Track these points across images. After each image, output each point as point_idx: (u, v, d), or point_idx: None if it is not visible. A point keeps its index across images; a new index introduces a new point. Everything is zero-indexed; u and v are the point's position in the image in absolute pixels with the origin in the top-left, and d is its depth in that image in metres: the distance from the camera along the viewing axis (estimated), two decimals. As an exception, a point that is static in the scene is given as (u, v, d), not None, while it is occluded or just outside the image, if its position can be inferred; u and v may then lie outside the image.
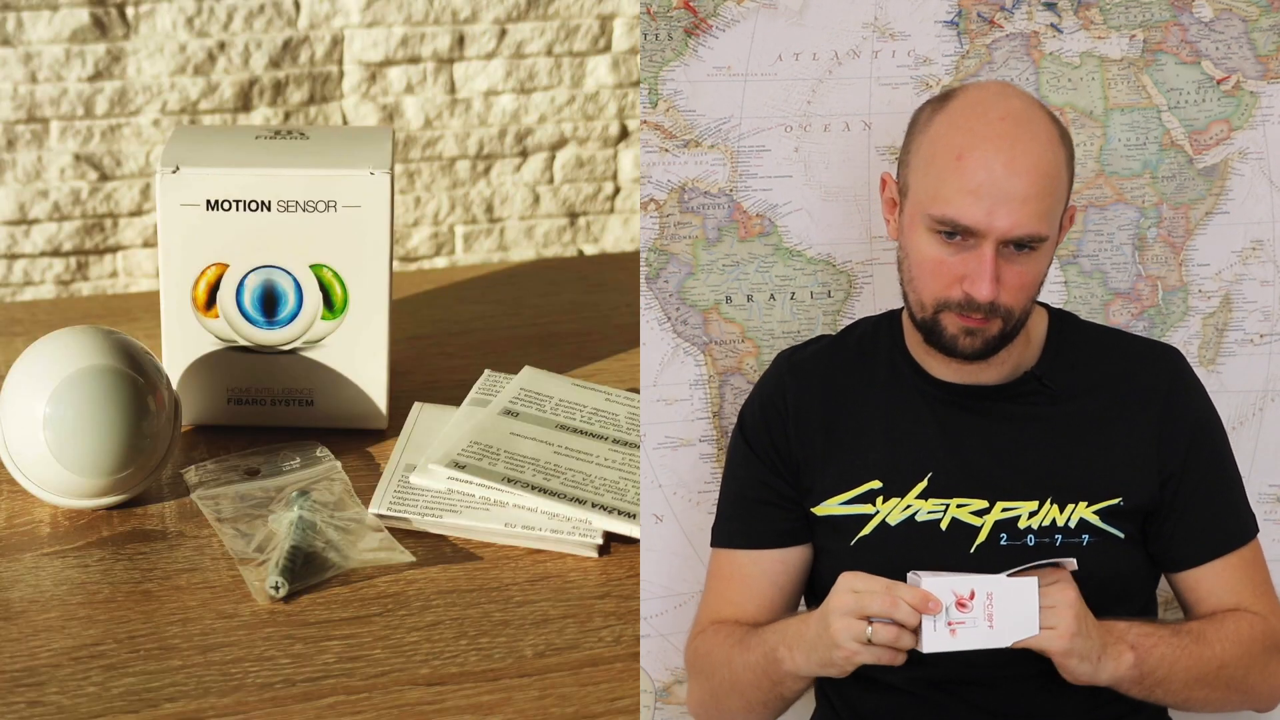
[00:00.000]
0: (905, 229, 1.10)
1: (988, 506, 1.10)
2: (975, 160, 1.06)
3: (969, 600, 1.02)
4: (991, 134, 1.06)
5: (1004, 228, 1.05)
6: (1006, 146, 1.06)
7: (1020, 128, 1.06)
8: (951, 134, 1.07)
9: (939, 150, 1.08)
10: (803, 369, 1.16)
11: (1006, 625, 1.02)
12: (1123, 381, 1.13)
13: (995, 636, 1.03)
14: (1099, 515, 1.10)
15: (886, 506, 1.11)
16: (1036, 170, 1.06)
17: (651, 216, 1.23)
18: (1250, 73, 1.25)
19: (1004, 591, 1.02)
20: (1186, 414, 1.13)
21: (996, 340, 1.08)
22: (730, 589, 1.15)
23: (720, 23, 1.22)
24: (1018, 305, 1.08)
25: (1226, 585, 1.12)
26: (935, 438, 1.11)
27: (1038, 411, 1.11)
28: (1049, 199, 1.06)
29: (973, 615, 1.02)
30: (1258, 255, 1.27)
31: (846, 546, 1.11)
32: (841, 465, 1.12)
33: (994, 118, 1.07)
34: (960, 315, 1.07)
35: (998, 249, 1.06)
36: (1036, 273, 1.08)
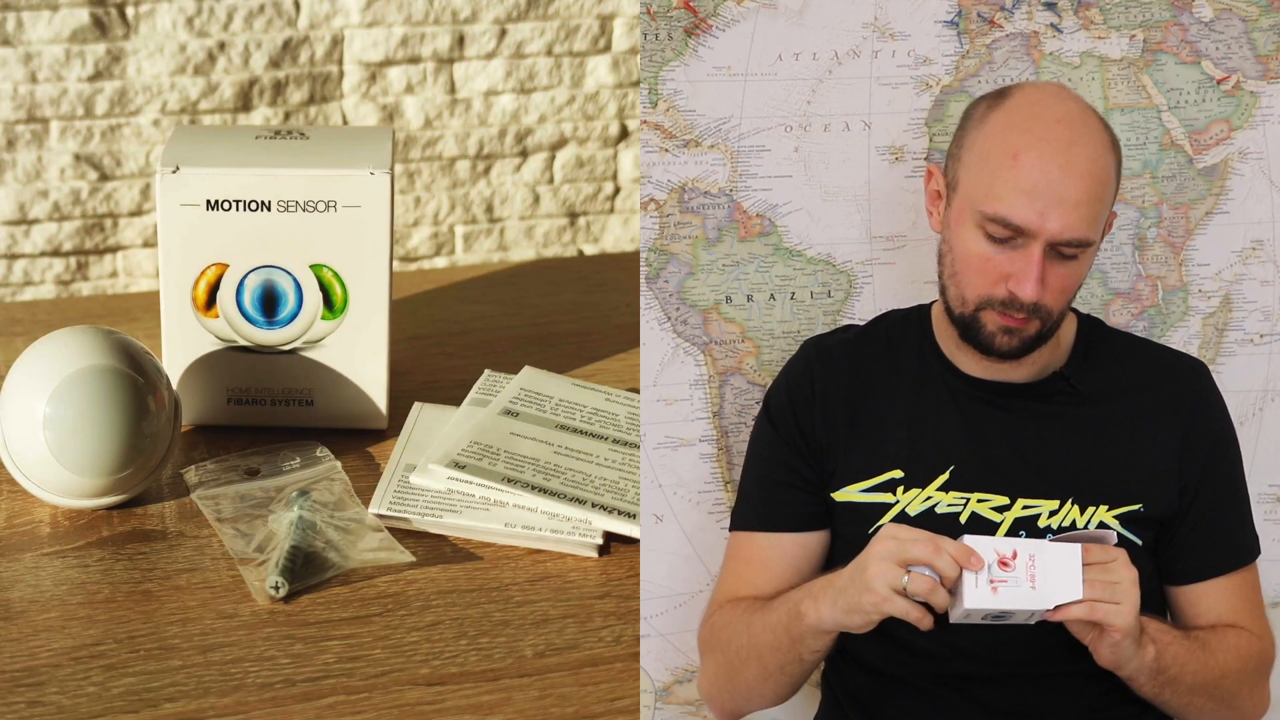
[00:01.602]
0: (952, 223, 1.10)
1: (1009, 503, 1.10)
2: (1031, 160, 1.05)
3: (1011, 560, 1.01)
4: (1049, 135, 1.06)
5: (1055, 229, 1.05)
6: (1063, 149, 1.06)
7: (1076, 131, 1.06)
8: (1008, 133, 1.07)
9: (994, 148, 1.07)
10: (831, 355, 1.16)
11: (1049, 588, 1.01)
12: (1149, 390, 1.13)
13: (1038, 598, 1.01)
14: (1119, 520, 1.10)
15: (907, 497, 1.11)
16: (1090, 175, 1.06)
17: (651, 216, 1.23)
18: (1250, 73, 1.25)
19: (1048, 555, 1.01)
20: (1209, 429, 1.13)
21: (1033, 340, 1.08)
22: (748, 571, 1.14)
23: (720, 23, 1.22)
24: (1057, 307, 1.08)
25: (1226, 603, 1.12)
26: (959, 431, 1.11)
27: (1063, 411, 1.11)
28: (1099, 204, 1.06)
29: (1015, 575, 1.01)
30: (1258, 255, 1.27)
31: (864, 534, 1.11)
32: (864, 453, 1.12)
33: (1051, 119, 1.07)
34: (1001, 314, 1.07)
35: (1045, 250, 1.06)
36: (1079, 276, 1.09)
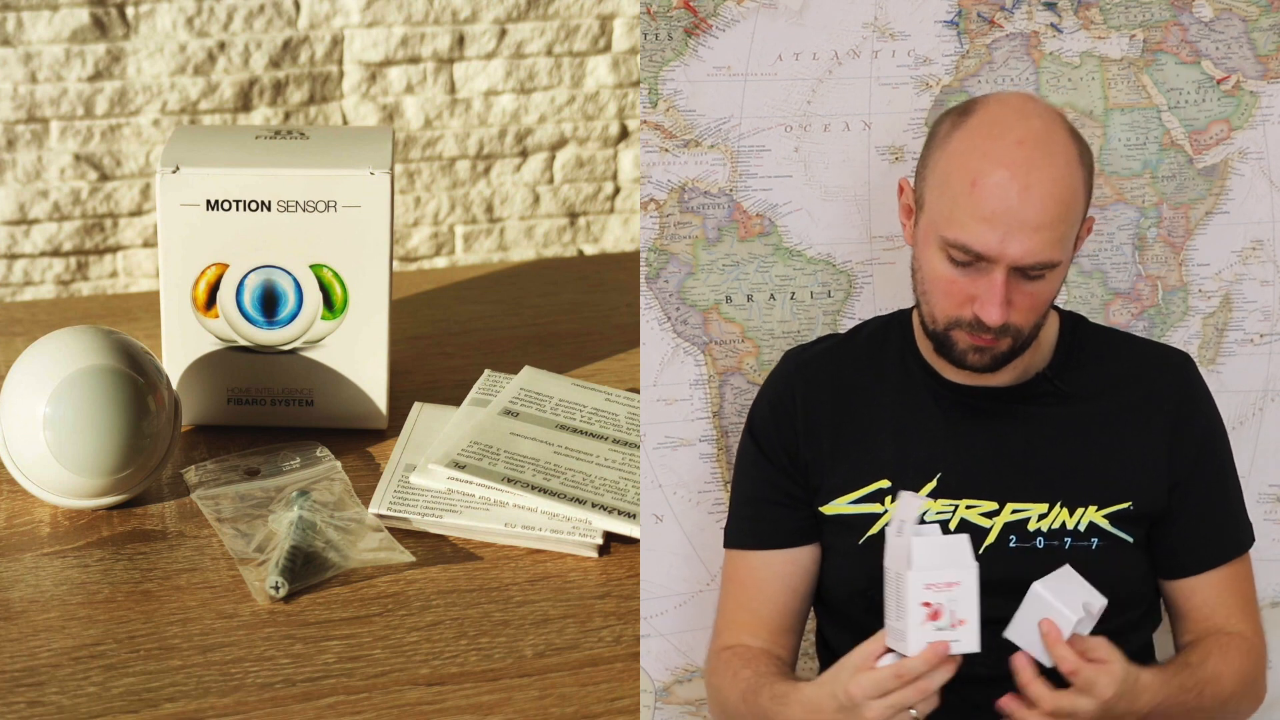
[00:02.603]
0: (919, 242, 1.09)
1: (997, 508, 1.10)
2: (989, 187, 1.04)
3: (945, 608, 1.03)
4: (1008, 159, 1.05)
5: (1016, 255, 1.05)
6: (1023, 173, 1.04)
7: (1038, 151, 1.05)
8: (968, 157, 1.06)
9: (954, 171, 1.06)
10: (810, 368, 1.16)
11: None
12: (1134, 385, 1.13)
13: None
14: (1109, 519, 1.10)
15: (895, 506, 1.11)
16: (1052, 197, 1.04)
17: (651, 216, 1.23)
18: (1250, 73, 1.25)
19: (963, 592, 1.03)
20: (1197, 421, 1.13)
21: (1006, 355, 1.08)
22: (744, 593, 1.15)
23: (720, 23, 1.21)
24: (1027, 324, 1.08)
25: (1220, 597, 1.12)
26: (945, 438, 1.11)
27: (1049, 412, 1.11)
28: (1063, 225, 1.05)
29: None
30: (1258, 255, 1.27)
31: (855, 545, 1.11)
32: (850, 464, 1.12)
33: (1011, 141, 1.05)
34: (970, 334, 1.07)
35: (1009, 274, 1.05)
36: (1049, 293, 1.08)
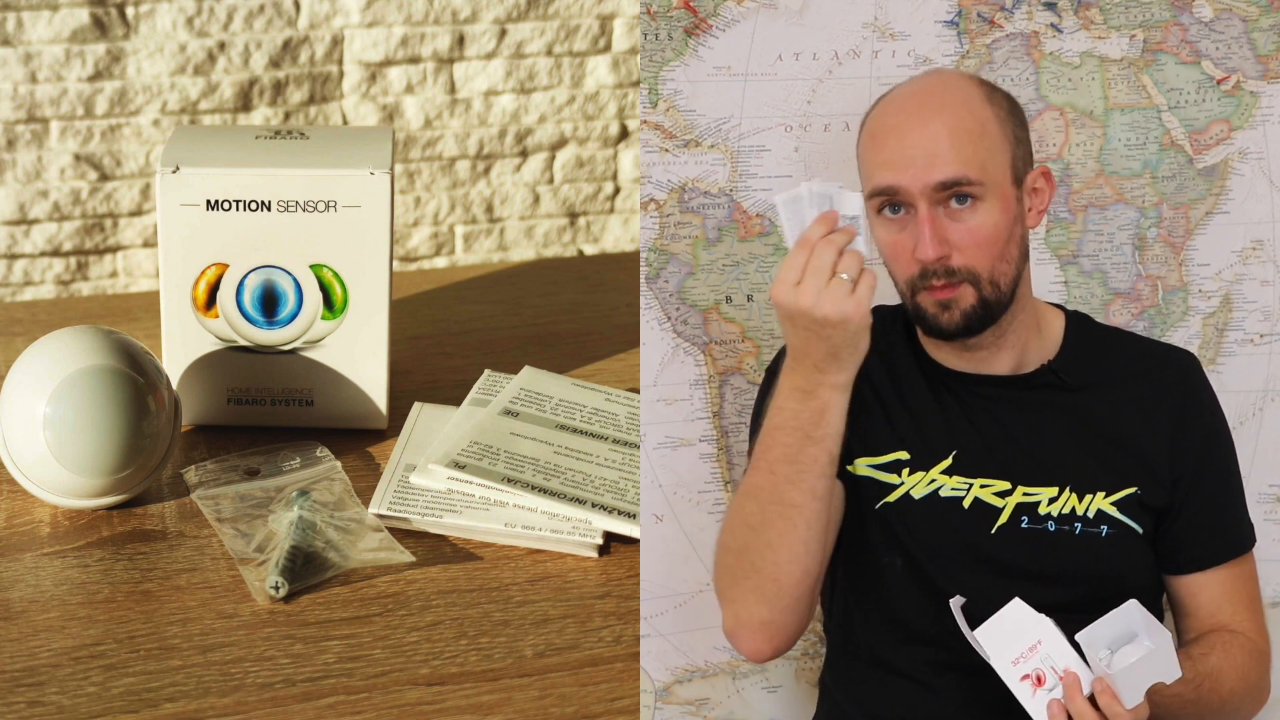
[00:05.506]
0: (872, 225, 1.11)
1: (1010, 488, 1.11)
2: (888, 130, 1.09)
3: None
4: (902, 109, 1.09)
5: (922, 176, 1.07)
6: (915, 112, 1.08)
7: (930, 95, 1.09)
8: (871, 123, 1.11)
9: (863, 139, 1.11)
10: None
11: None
12: (1139, 380, 1.13)
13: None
14: (1117, 506, 1.10)
15: (912, 479, 1.11)
16: (946, 125, 1.08)
17: (651, 216, 1.23)
18: (1250, 73, 1.25)
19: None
20: (1201, 420, 1.14)
21: (976, 310, 1.08)
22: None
23: (720, 23, 1.21)
24: (980, 265, 1.08)
25: (1225, 595, 1.13)
26: (959, 419, 1.12)
27: (1054, 400, 1.12)
28: (969, 146, 1.07)
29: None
30: (1258, 255, 1.27)
31: (872, 510, 1.11)
32: (872, 429, 1.12)
33: (905, 95, 1.10)
34: (929, 290, 1.08)
35: (931, 207, 1.07)
36: (988, 227, 1.08)
